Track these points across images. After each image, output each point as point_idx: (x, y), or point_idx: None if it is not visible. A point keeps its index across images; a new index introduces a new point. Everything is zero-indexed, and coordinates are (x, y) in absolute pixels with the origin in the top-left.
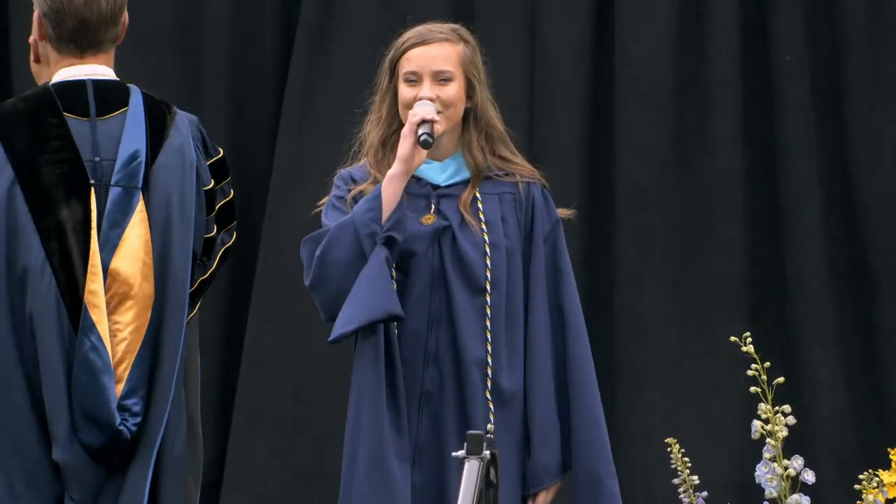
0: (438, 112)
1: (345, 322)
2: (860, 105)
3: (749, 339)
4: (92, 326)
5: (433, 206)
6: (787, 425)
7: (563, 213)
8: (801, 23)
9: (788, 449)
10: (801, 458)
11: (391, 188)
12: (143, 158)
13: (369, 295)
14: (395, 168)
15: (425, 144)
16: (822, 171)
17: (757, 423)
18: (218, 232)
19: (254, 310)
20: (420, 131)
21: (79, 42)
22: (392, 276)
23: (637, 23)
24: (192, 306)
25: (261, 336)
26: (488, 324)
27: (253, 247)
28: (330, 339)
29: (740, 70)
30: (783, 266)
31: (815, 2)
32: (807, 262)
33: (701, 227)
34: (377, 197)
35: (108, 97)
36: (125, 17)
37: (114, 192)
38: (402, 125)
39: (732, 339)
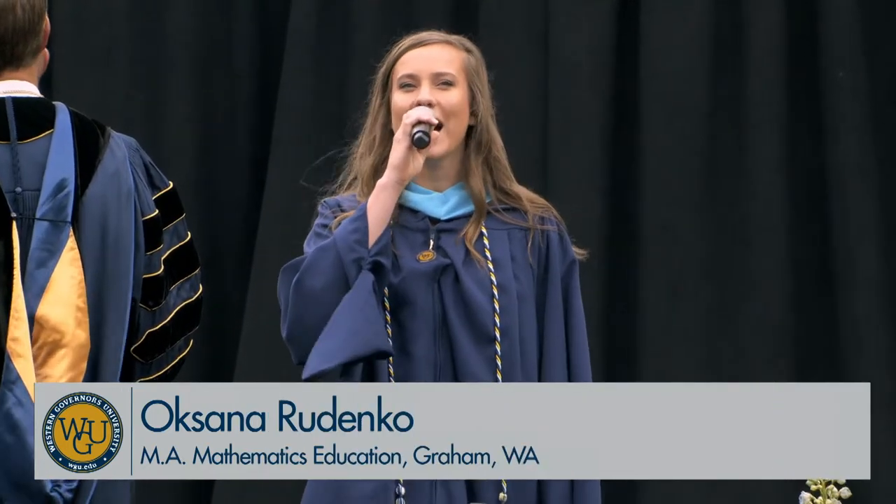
0: (439, 124)
1: (323, 357)
2: None
3: None
4: (16, 379)
5: (432, 243)
6: (840, 498)
7: (576, 252)
8: (855, 32)
9: None
10: None
11: (381, 202)
12: (71, 188)
13: (353, 327)
14: (387, 177)
15: (420, 143)
16: (881, 203)
17: (805, 496)
18: (172, 280)
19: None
20: (415, 130)
21: None
22: (385, 306)
23: (665, 32)
24: (144, 370)
25: None
26: (499, 376)
27: (225, 288)
28: (305, 376)
29: (785, 87)
30: (835, 314)
31: (872, 7)
32: (862, 309)
33: (738, 270)
34: (362, 217)
35: (31, 117)
36: (46, 23)
37: (39, 227)
38: None
39: None
